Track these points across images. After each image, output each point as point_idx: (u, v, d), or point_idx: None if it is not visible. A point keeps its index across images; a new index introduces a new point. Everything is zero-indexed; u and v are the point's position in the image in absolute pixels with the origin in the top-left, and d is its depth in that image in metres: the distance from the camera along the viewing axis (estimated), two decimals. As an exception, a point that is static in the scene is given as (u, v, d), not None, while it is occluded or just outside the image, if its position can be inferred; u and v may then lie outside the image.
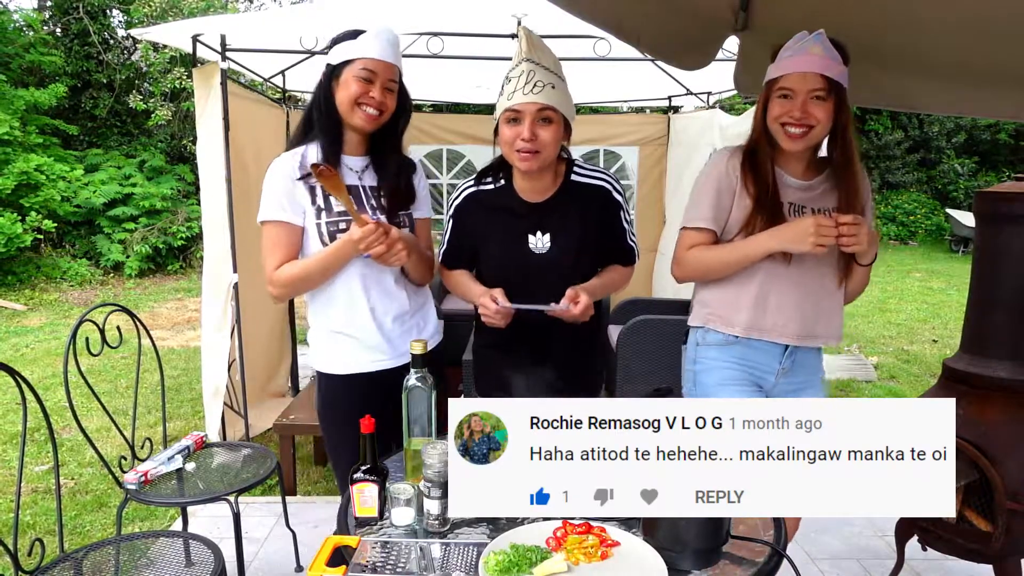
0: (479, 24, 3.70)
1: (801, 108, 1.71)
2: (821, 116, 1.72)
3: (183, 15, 10.05)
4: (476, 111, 8.04)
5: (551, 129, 1.75)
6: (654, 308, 4.64)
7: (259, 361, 4.13)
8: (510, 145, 1.76)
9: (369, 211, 1.86)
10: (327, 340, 1.92)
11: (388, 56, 1.80)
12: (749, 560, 1.23)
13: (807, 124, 1.72)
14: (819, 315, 1.87)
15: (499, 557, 1.18)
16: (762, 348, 1.89)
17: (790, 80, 1.73)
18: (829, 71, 1.70)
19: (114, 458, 2.56)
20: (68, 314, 7.99)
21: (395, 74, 1.83)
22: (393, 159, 1.90)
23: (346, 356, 1.91)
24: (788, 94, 1.74)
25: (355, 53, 1.79)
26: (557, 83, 1.76)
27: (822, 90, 1.70)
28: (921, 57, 2.44)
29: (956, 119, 15.91)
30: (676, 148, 5.66)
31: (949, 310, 8.49)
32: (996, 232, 2.25)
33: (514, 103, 1.73)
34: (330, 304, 1.89)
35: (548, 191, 1.88)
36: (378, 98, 1.79)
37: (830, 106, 1.72)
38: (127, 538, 2.03)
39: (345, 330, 1.89)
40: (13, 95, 9.57)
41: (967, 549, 2.22)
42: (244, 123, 3.81)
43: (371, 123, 1.82)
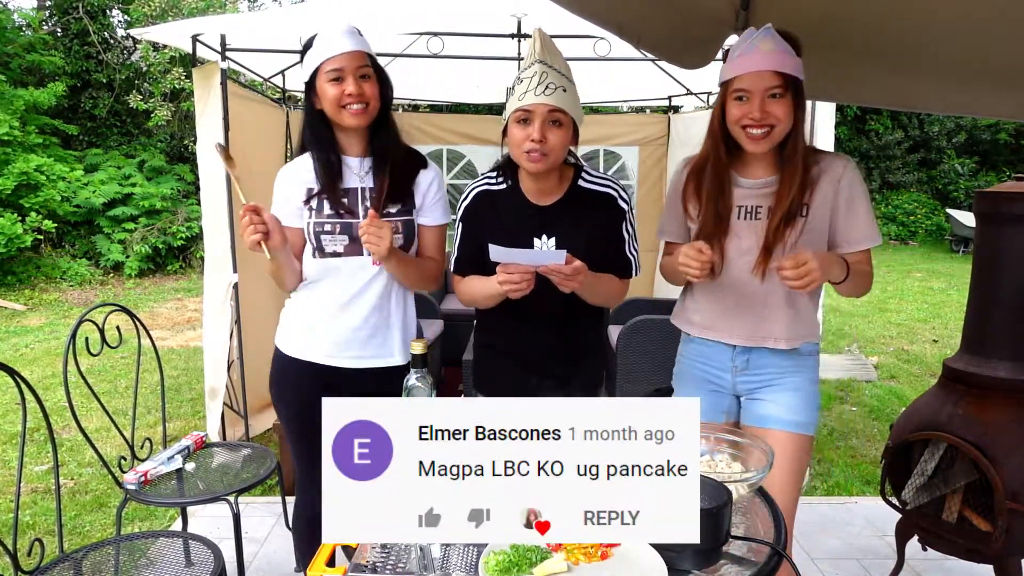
0: (479, 24, 3.70)
1: (760, 108, 1.66)
2: (781, 114, 1.67)
3: (183, 15, 10.05)
4: (476, 111, 8.04)
5: (560, 131, 1.74)
6: (654, 308, 4.64)
7: (259, 361, 4.12)
8: (519, 146, 1.75)
9: (362, 212, 1.87)
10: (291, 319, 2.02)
11: (348, 46, 1.78)
12: (749, 560, 1.23)
13: (767, 124, 1.68)
14: (768, 319, 1.83)
15: (499, 557, 1.17)
16: (714, 346, 1.92)
17: (744, 80, 1.67)
18: (783, 67, 1.65)
19: (114, 458, 2.56)
20: (68, 314, 7.99)
21: (364, 60, 1.81)
22: (391, 151, 1.89)
23: (300, 340, 1.98)
24: (744, 95, 1.68)
25: (318, 58, 1.79)
26: (568, 87, 1.76)
27: (778, 87, 1.65)
28: (921, 57, 2.44)
29: (956, 119, 15.92)
30: (676, 148, 5.65)
31: (949, 310, 8.50)
32: (996, 232, 2.25)
33: (525, 103, 1.72)
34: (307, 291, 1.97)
35: (555, 194, 1.87)
36: (355, 91, 1.78)
37: (788, 102, 1.67)
38: (127, 538, 2.02)
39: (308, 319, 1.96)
40: (13, 95, 9.58)
41: (967, 549, 2.22)
42: (244, 123, 3.81)
43: (361, 118, 1.81)
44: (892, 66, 2.51)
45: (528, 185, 1.87)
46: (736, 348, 1.88)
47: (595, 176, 1.90)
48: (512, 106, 1.76)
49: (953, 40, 2.25)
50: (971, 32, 2.16)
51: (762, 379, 1.89)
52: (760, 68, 1.65)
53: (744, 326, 1.85)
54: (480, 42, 3.90)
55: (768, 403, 1.88)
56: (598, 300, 1.90)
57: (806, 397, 1.87)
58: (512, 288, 1.68)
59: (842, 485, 3.71)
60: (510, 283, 1.67)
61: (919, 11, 2.11)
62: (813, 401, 1.89)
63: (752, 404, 1.92)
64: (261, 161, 4.11)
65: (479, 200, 1.91)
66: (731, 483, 1.32)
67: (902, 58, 2.45)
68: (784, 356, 1.86)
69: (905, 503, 2.35)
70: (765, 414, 1.88)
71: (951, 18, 2.10)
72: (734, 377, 1.91)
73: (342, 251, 1.88)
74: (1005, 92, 2.52)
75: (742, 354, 1.88)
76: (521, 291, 1.69)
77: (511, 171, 1.89)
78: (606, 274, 1.87)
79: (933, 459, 2.28)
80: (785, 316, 1.83)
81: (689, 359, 2.00)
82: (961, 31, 2.17)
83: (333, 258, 1.89)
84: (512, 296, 1.71)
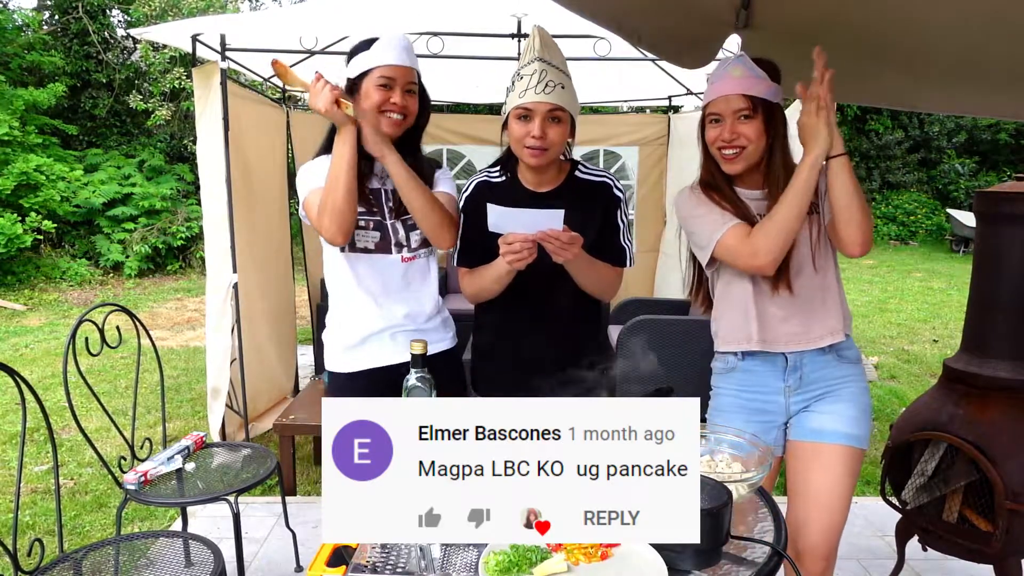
0: (479, 24, 3.71)
1: (730, 130, 1.75)
2: (751, 134, 1.74)
3: (183, 15, 10.05)
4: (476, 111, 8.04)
5: (560, 128, 1.79)
6: (654, 308, 4.64)
7: (259, 361, 4.13)
8: (520, 141, 1.80)
9: (386, 212, 1.91)
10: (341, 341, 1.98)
11: (404, 60, 1.83)
12: (749, 560, 1.23)
13: (738, 145, 1.75)
14: (815, 315, 1.82)
15: (499, 557, 1.17)
16: (763, 369, 1.85)
17: (716, 105, 1.77)
18: (751, 90, 1.73)
19: (114, 458, 2.56)
20: (68, 314, 7.99)
21: (414, 77, 1.87)
22: (409, 160, 1.91)
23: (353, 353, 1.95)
24: (717, 118, 1.78)
25: (372, 63, 1.82)
26: (566, 83, 1.80)
27: (746, 109, 1.73)
28: (922, 56, 2.43)
29: (956, 119, 15.92)
30: (676, 148, 5.65)
31: (949, 310, 8.49)
32: (996, 232, 2.25)
33: (526, 101, 1.76)
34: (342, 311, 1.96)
35: (553, 184, 1.92)
36: (400, 102, 1.83)
37: (758, 123, 1.74)
38: (127, 538, 2.02)
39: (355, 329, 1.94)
40: (12, 95, 9.58)
41: (967, 549, 2.22)
42: (244, 123, 3.81)
43: (396, 128, 1.85)
44: (892, 65, 2.51)
45: (527, 176, 1.91)
46: (788, 365, 1.83)
47: (591, 168, 1.96)
48: (513, 102, 1.79)
49: (953, 40, 2.25)
50: (971, 32, 2.16)
51: (816, 392, 1.84)
52: (729, 92, 1.75)
53: (799, 325, 1.81)
54: (480, 42, 3.90)
55: (822, 415, 1.82)
56: (593, 286, 1.90)
57: (862, 409, 1.83)
58: (514, 258, 1.69)
59: (842, 485, 3.70)
60: (511, 252, 1.69)
61: (919, 11, 2.11)
62: (868, 413, 1.84)
63: (804, 418, 1.85)
64: (261, 161, 4.12)
65: (479, 190, 1.95)
66: (731, 483, 1.32)
67: (902, 57, 2.45)
68: (835, 366, 1.83)
69: (905, 503, 2.35)
70: (818, 427, 1.81)
71: (951, 18, 2.10)
72: (787, 398, 1.85)
73: (372, 248, 1.90)
74: (1005, 92, 2.52)
75: (794, 372, 1.83)
76: (523, 260, 1.70)
77: (511, 165, 1.93)
78: (600, 261, 1.89)
79: (933, 459, 2.28)
80: (835, 306, 1.83)
81: (731, 391, 1.91)
82: (961, 31, 2.17)
83: (363, 253, 1.90)
84: (516, 266, 1.72)
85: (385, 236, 1.90)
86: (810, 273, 1.81)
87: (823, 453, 1.79)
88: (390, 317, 1.93)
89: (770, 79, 1.76)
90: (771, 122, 1.76)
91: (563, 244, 1.67)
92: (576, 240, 1.69)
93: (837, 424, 1.79)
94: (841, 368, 1.83)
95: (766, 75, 1.75)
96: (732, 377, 1.90)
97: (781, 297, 1.81)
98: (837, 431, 1.79)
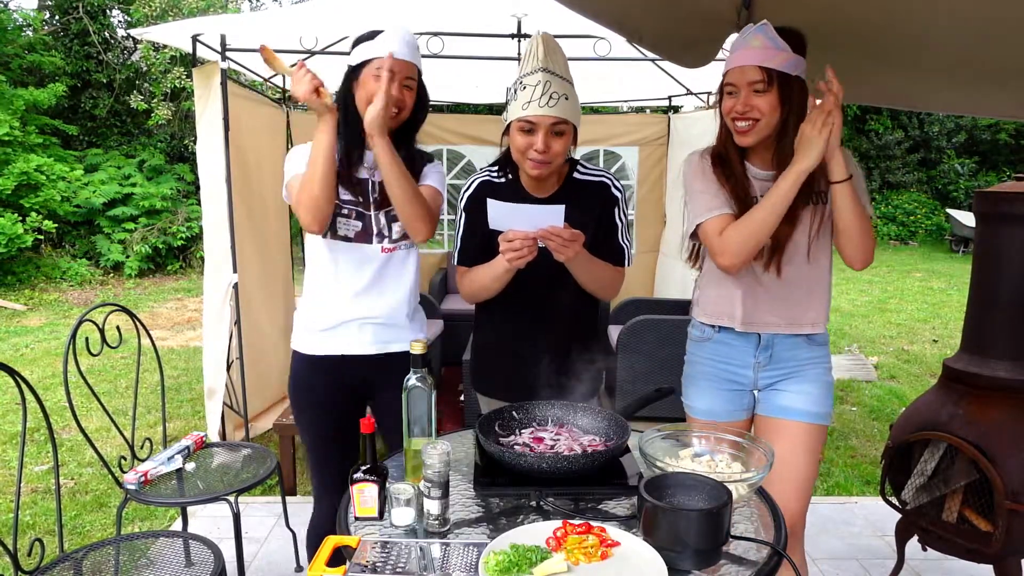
0: (479, 24, 3.70)
1: (744, 102, 1.73)
2: (764, 108, 1.71)
3: (183, 15, 10.05)
4: (476, 111, 8.04)
5: (563, 140, 1.78)
6: (654, 308, 4.64)
7: (259, 361, 4.13)
8: (522, 151, 1.79)
9: (372, 204, 1.91)
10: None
11: (405, 55, 1.83)
12: (749, 560, 1.23)
13: (751, 117, 1.73)
14: (802, 304, 1.88)
15: (499, 557, 1.17)
16: (737, 344, 1.92)
17: (732, 75, 1.75)
18: (768, 62, 1.68)
19: (114, 458, 2.56)
20: (68, 314, 7.99)
21: (413, 72, 1.87)
22: (402, 153, 1.91)
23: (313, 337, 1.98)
24: (732, 90, 1.76)
25: (373, 53, 1.82)
26: (570, 93, 1.78)
27: (760, 82, 1.70)
28: (922, 56, 2.44)
29: (956, 119, 15.92)
30: (676, 148, 5.65)
31: (949, 310, 8.50)
32: (996, 232, 2.25)
33: (529, 114, 1.74)
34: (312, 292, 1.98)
35: (553, 188, 1.91)
36: (395, 95, 1.82)
37: (773, 97, 1.71)
38: (127, 538, 2.02)
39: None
40: (13, 95, 9.58)
41: (967, 549, 2.22)
42: (244, 123, 3.81)
43: (391, 120, 1.84)
44: (893, 65, 2.51)
45: (528, 180, 1.91)
46: (760, 344, 1.91)
47: (589, 168, 1.96)
48: (516, 113, 1.77)
49: (954, 40, 2.25)
50: (971, 32, 2.16)
51: (784, 371, 1.93)
52: (744, 63, 1.72)
53: (783, 313, 1.88)
54: (480, 42, 3.89)
55: (789, 394, 1.92)
56: (594, 284, 1.90)
57: (825, 388, 1.93)
58: (515, 255, 1.68)
59: (842, 485, 3.71)
60: (511, 250, 1.68)
61: (920, 10, 2.11)
62: (830, 391, 1.95)
63: (772, 395, 1.95)
64: (261, 161, 4.12)
65: (481, 188, 1.94)
66: (731, 483, 1.32)
67: (903, 57, 2.45)
68: (805, 348, 1.91)
69: (905, 503, 2.35)
70: (786, 405, 1.92)
71: (952, 18, 2.10)
72: (756, 373, 1.94)
73: (352, 236, 1.90)
74: (1005, 92, 2.52)
75: (765, 350, 1.91)
76: (524, 258, 1.69)
77: (511, 166, 1.92)
78: (601, 260, 1.89)
79: (933, 459, 2.28)
80: (821, 299, 1.89)
81: (704, 360, 1.99)
82: (961, 31, 2.17)
83: (343, 241, 1.90)
84: (516, 264, 1.71)
85: (367, 226, 1.90)
86: (802, 262, 1.84)
87: (789, 429, 1.91)
88: (361, 308, 1.93)
89: (792, 50, 1.71)
90: (787, 95, 1.72)
91: (564, 241, 1.66)
92: (578, 237, 1.68)
93: (802, 403, 1.90)
94: (811, 350, 1.93)
95: (788, 46, 1.70)
96: (706, 347, 1.98)
97: (769, 280, 1.85)
98: (801, 409, 1.90)
